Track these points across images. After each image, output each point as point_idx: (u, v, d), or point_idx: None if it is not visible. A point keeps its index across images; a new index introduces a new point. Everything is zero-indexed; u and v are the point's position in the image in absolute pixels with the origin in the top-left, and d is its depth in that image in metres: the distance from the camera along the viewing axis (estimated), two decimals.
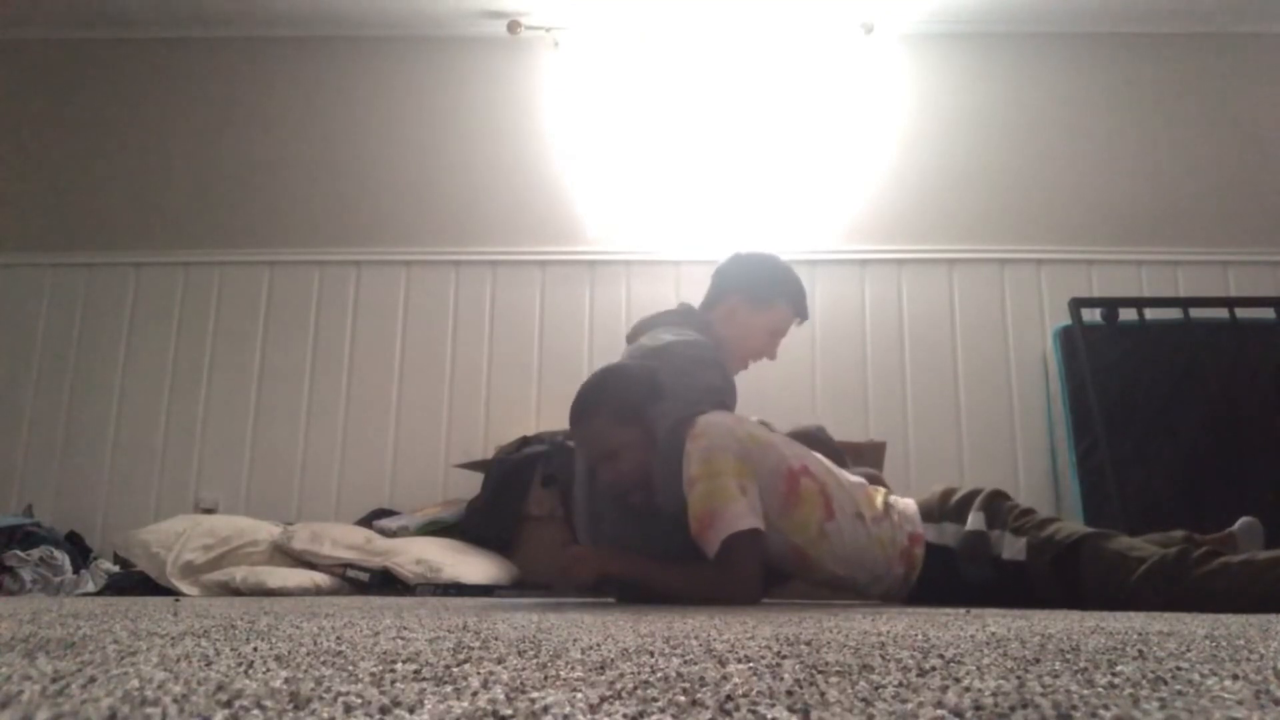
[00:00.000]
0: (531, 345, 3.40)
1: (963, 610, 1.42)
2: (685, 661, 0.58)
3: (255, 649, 0.66)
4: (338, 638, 0.77)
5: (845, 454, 2.05)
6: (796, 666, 0.55)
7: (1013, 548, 1.68)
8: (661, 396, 1.78)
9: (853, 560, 1.73)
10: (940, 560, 1.74)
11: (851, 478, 1.84)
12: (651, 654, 0.63)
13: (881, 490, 1.85)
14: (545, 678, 0.49)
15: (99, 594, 2.52)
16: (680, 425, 1.74)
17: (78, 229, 3.54)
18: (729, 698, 0.43)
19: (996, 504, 1.77)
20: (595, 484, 1.88)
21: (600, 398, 1.80)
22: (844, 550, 1.72)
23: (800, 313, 2.06)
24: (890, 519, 1.77)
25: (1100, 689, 0.46)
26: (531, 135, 3.56)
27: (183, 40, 3.69)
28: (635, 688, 0.46)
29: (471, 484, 3.05)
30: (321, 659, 0.59)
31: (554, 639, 0.76)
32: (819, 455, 1.83)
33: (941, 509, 1.81)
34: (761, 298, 2.01)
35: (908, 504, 1.83)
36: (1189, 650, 0.67)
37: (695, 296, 3.36)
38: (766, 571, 1.73)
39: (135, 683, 0.46)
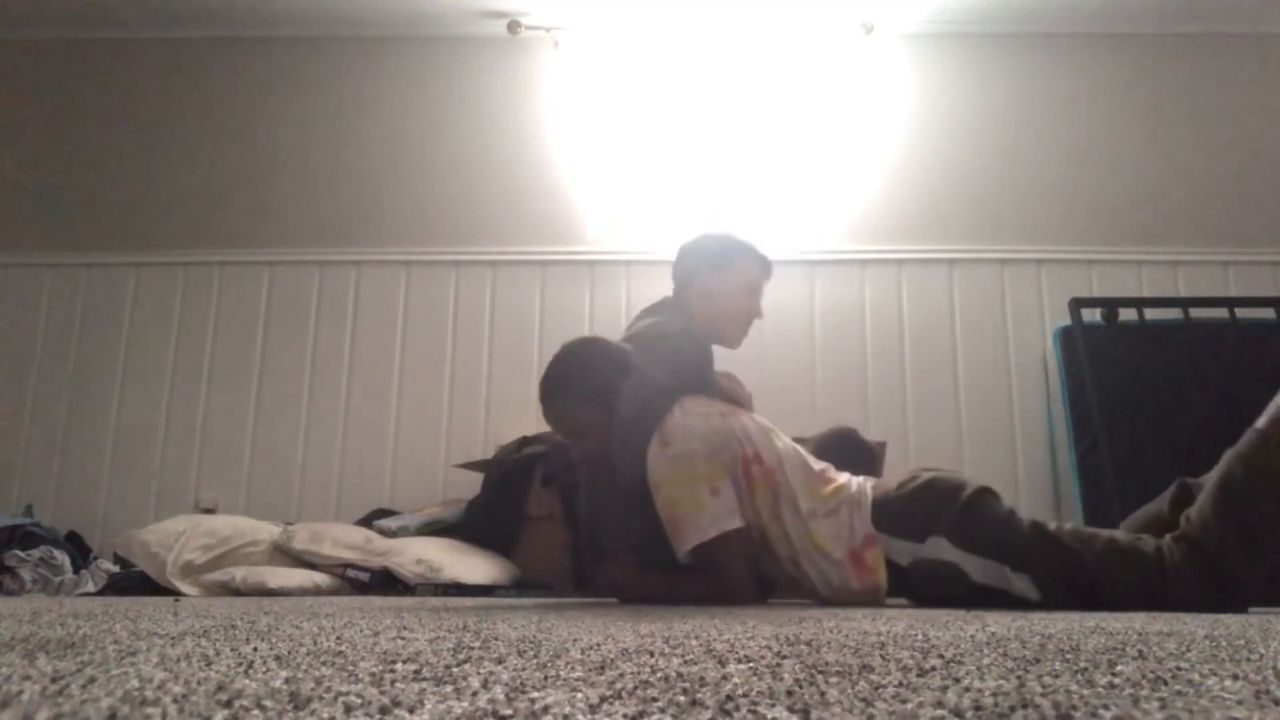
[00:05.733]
0: (531, 345, 3.40)
1: (963, 610, 1.42)
2: (685, 661, 0.58)
3: (255, 649, 0.66)
4: (338, 638, 0.77)
5: (874, 452, 2.02)
6: (796, 666, 0.55)
7: (1023, 586, 1.55)
8: (627, 374, 1.79)
9: (798, 552, 1.70)
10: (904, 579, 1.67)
11: (814, 464, 1.77)
12: (651, 654, 0.63)
13: (836, 483, 1.74)
14: (545, 678, 0.49)
15: (99, 594, 2.52)
16: (646, 407, 1.74)
17: (78, 229, 3.54)
18: (729, 698, 0.43)
19: (972, 522, 1.61)
20: (596, 490, 1.89)
21: (565, 375, 1.84)
22: (788, 538, 1.71)
23: (761, 264, 2.07)
24: (839, 517, 1.69)
25: (1100, 689, 0.46)
26: (531, 135, 3.56)
27: (183, 40, 3.69)
28: (635, 688, 0.46)
29: (471, 484, 3.05)
30: (321, 659, 0.59)
31: (554, 639, 0.76)
32: (782, 440, 1.78)
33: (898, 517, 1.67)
34: (722, 262, 2.03)
35: (864, 512, 1.70)
36: (1189, 650, 0.67)
37: None
38: (758, 566, 1.72)
39: (135, 683, 0.46)
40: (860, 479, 1.79)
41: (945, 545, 1.61)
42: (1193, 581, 1.44)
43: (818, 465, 1.80)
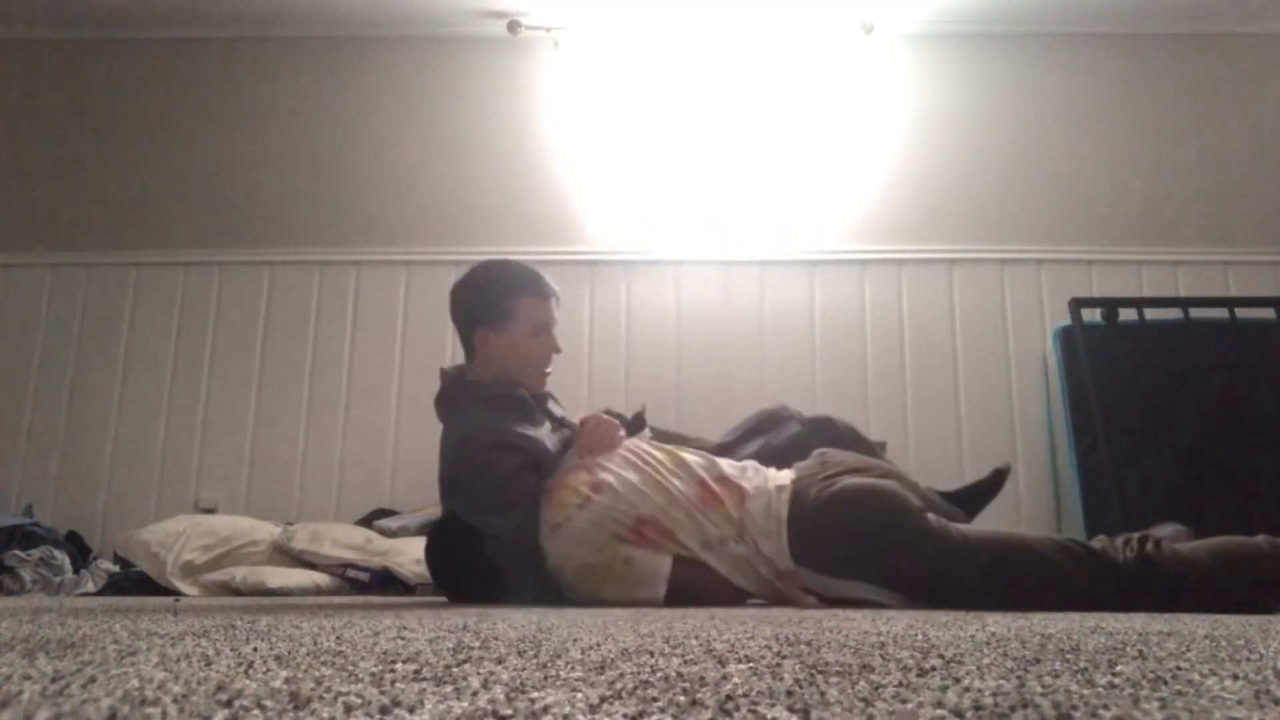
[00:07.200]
0: None
1: (962, 610, 1.41)
2: (685, 661, 0.58)
3: (255, 649, 0.66)
4: (338, 638, 0.77)
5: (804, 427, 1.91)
6: (796, 666, 0.55)
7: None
8: (482, 542, 1.71)
9: (736, 574, 1.65)
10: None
11: (692, 492, 1.66)
12: (651, 654, 0.63)
13: (725, 506, 1.64)
14: (545, 678, 0.49)
15: (99, 594, 2.52)
16: (520, 566, 1.69)
17: (78, 229, 3.54)
18: (729, 698, 0.43)
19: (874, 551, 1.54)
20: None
21: (447, 569, 1.87)
22: (723, 565, 1.65)
23: (544, 296, 1.88)
24: (746, 546, 1.62)
25: (1100, 689, 0.46)
26: (531, 135, 3.56)
27: (183, 40, 3.69)
28: (635, 688, 0.46)
29: None
30: (321, 659, 0.59)
31: (554, 639, 0.76)
32: (663, 473, 1.70)
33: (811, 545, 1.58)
34: (497, 315, 1.85)
35: (778, 537, 1.61)
36: (1189, 650, 0.67)
37: (695, 297, 3.40)
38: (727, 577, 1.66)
39: (135, 683, 0.46)
40: (771, 488, 1.66)
41: (876, 590, 1.53)
42: (1149, 593, 1.42)
43: (696, 490, 1.66)
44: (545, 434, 1.83)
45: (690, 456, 1.75)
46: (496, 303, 1.87)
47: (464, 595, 1.84)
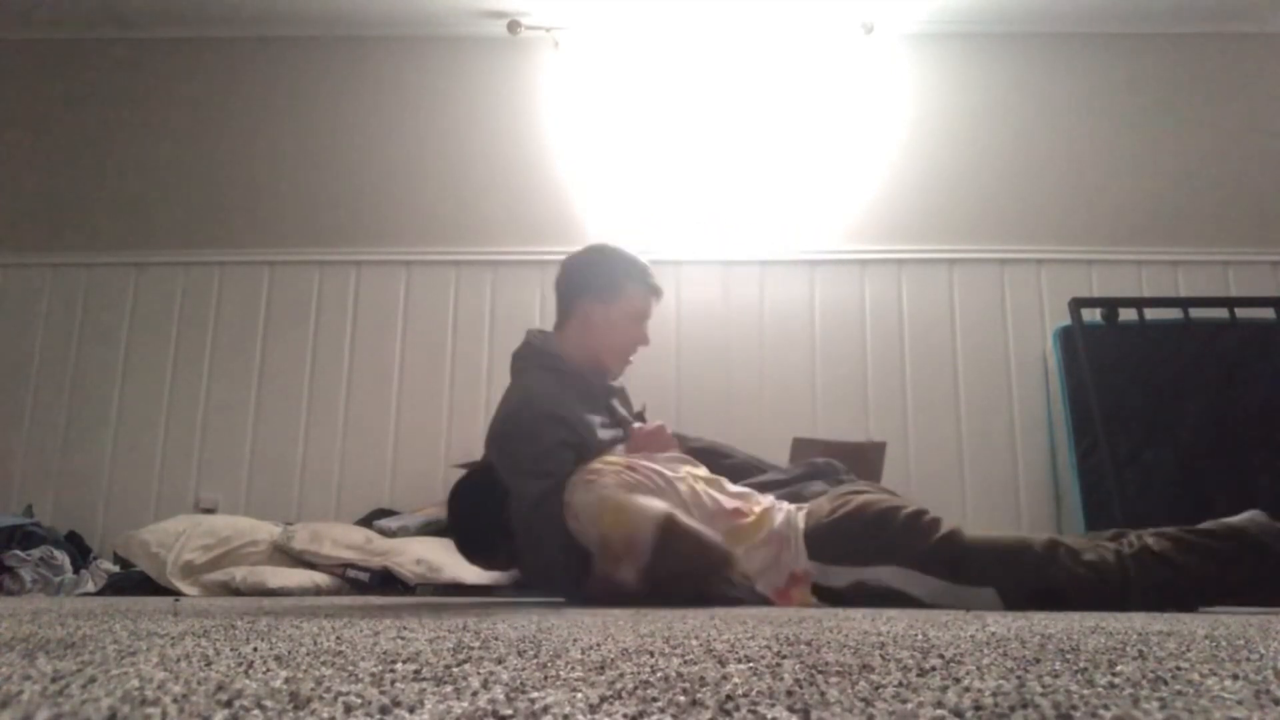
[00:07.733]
0: None
1: (962, 610, 1.42)
2: (685, 661, 0.58)
3: (255, 649, 0.66)
4: (338, 638, 0.77)
5: (753, 463, 1.98)
6: (796, 666, 0.55)
7: (984, 600, 1.51)
8: (505, 508, 1.78)
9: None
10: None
11: (727, 502, 1.73)
12: (651, 654, 0.63)
13: (752, 518, 1.71)
14: (545, 678, 0.49)
15: (99, 594, 2.52)
16: (541, 531, 1.73)
17: (78, 229, 3.54)
18: (729, 698, 0.43)
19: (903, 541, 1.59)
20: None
21: (464, 533, 1.93)
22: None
23: (651, 289, 1.99)
24: (763, 554, 1.66)
25: (1100, 689, 0.46)
26: (531, 135, 3.56)
27: (183, 40, 3.69)
28: (635, 688, 0.46)
29: None
30: (321, 659, 0.59)
31: (554, 639, 0.76)
32: (687, 482, 1.74)
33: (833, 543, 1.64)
34: (609, 291, 1.94)
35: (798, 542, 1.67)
36: (1189, 650, 0.67)
37: (695, 297, 3.40)
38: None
39: (135, 683, 0.46)
40: (789, 507, 1.74)
41: (888, 571, 1.56)
42: (1151, 586, 1.45)
43: (731, 503, 1.73)
44: (600, 424, 1.88)
45: (726, 481, 1.82)
46: (611, 279, 1.96)
47: (476, 550, 1.88)
